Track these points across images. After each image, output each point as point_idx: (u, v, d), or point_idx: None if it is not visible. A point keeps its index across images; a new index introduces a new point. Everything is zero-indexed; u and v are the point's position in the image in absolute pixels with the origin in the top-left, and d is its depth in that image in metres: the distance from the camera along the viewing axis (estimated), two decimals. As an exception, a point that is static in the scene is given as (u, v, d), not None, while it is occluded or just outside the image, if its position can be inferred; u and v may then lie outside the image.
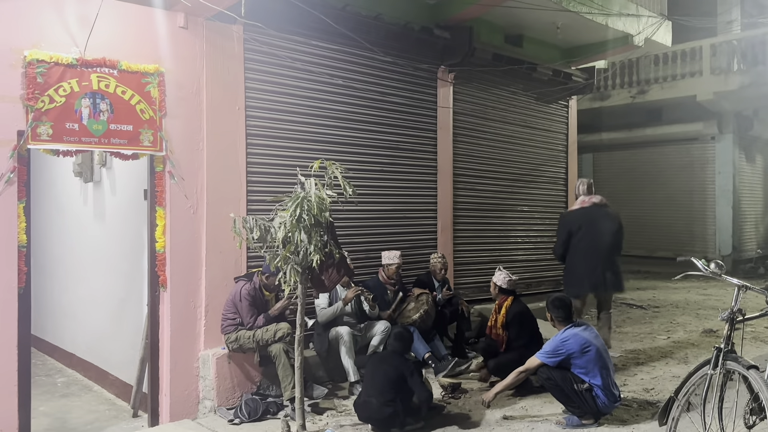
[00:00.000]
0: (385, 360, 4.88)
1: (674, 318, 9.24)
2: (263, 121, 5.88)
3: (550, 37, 8.66)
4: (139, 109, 4.98)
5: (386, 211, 7.04)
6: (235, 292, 5.35)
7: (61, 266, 7.45)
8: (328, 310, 5.79)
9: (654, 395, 5.47)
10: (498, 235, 8.59)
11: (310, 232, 4.39)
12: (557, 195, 9.61)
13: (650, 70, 14.96)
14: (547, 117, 9.39)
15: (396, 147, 7.13)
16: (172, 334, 5.21)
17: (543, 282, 9.24)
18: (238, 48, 5.63)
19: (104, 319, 6.49)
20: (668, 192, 15.74)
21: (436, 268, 6.77)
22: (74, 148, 4.72)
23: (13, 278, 4.42)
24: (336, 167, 4.54)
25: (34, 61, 4.47)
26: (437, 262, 6.79)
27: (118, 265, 6.26)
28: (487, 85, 8.31)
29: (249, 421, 5.05)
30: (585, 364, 4.70)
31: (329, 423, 4.98)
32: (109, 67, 4.82)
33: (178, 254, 5.23)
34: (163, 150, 5.12)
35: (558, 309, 4.94)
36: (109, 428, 5.36)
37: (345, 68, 6.59)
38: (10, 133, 4.39)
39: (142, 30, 5.05)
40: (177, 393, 5.23)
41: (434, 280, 6.79)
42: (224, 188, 5.51)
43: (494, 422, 4.91)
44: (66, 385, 6.56)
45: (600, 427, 4.73)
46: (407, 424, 4.68)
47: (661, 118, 15.67)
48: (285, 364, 5.14)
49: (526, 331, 5.70)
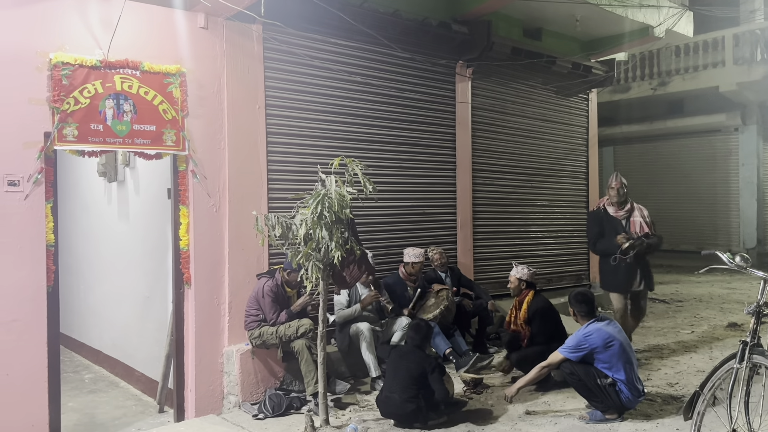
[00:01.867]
0: (407, 355, 4.90)
1: (698, 312, 9.13)
2: (283, 119, 5.92)
3: (569, 29, 8.60)
4: (162, 110, 5.05)
5: (406, 208, 7.05)
6: (257, 288, 5.41)
7: (86, 265, 7.59)
8: (345, 312, 5.83)
9: (678, 390, 5.42)
10: (518, 230, 8.56)
11: (331, 229, 4.43)
12: (578, 189, 9.55)
13: (671, 61, 14.77)
14: (566, 110, 9.33)
15: (414, 143, 7.14)
16: (197, 330, 5.28)
17: (564, 277, 9.20)
18: (258, 47, 5.68)
19: (129, 316, 6.60)
20: (691, 185, 15.54)
21: (435, 260, 6.83)
22: (99, 149, 4.81)
23: (42, 277, 4.52)
24: (356, 164, 4.57)
25: (59, 64, 4.55)
26: (435, 255, 6.85)
27: (142, 263, 6.36)
28: (505, 80, 8.28)
29: (273, 415, 5.11)
30: (608, 359, 4.68)
31: (352, 418, 5.02)
32: (132, 68, 4.89)
33: (201, 252, 5.30)
34: (186, 149, 5.18)
35: (580, 304, 4.92)
36: (135, 423, 5.46)
37: (363, 65, 6.61)
38: (37, 135, 4.48)
39: (164, 31, 5.11)
40: (202, 388, 5.31)
41: (439, 273, 6.80)
42: (246, 186, 5.57)
43: (517, 417, 4.91)
44: (93, 382, 6.69)
45: (624, 422, 4.70)
46: (430, 419, 4.69)
47: (682, 110, 15.47)
48: (307, 359, 5.19)
49: (549, 325, 5.67)
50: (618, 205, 6.19)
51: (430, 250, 6.87)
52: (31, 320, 4.47)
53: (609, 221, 6.21)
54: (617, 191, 6.17)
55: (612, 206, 6.23)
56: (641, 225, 6.12)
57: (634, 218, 6.15)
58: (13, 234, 4.39)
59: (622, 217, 6.17)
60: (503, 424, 4.79)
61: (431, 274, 6.80)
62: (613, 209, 6.22)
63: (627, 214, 6.17)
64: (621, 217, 6.17)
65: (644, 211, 6.22)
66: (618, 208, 6.20)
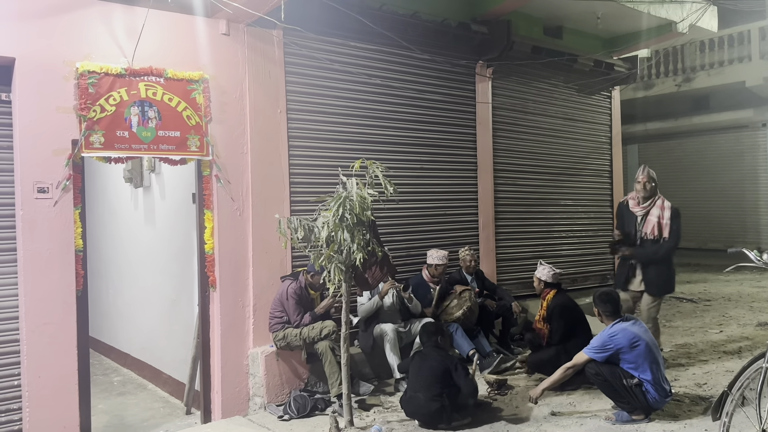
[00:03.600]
0: (428, 356, 4.91)
1: (727, 311, 8.98)
2: (304, 122, 5.97)
3: (590, 27, 8.52)
4: (186, 116, 5.13)
5: (427, 209, 7.06)
6: (281, 291, 5.47)
7: (115, 269, 7.73)
8: (366, 305, 5.85)
9: (707, 390, 5.34)
10: (541, 230, 8.50)
11: (352, 231, 4.45)
12: (602, 188, 9.46)
13: (696, 57, 14.54)
14: (589, 109, 9.24)
15: (435, 144, 7.14)
16: (223, 332, 5.35)
17: (589, 277, 9.11)
18: (279, 52, 5.74)
19: (157, 319, 6.71)
20: (718, 182, 15.27)
21: (466, 261, 6.76)
22: (125, 155, 4.90)
23: (71, 282, 4.62)
24: (376, 166, 4.59)
25: (86, 73, 4.66)
26: (467, 256, 6.77)
27: (168, 267, 6.46)
28: (526, 79, 8.24)
29: (298, 417, 5.15)
30: (634, 359, 4.63)
31: (376, 419, 5.04)
32: (156, 75, 4.98)
33: (226, 255, 5.37)
34: (210, 154, 5.26)
35: (605, 303, 4.87)
36: (163, 425, 5.54)
37: (383, 67, 6.63)
38: (65, 143, 4.59)
39: (187, 38, 5.20)
40: (228, 390, 5.37)
41: (466, 275, 6.78)
42: (268, 190, 5.63)
43: (542, 418, 4.89)
44: (122, 384, 6.81)
45: (651, 422, 4.65)
46: (454, 420, 4.70)
47: (708, 106, 15.20)
48: (331, 361, 5.23)
49: (566, 324, 5.61)
50: (641, 200, 5.91)
51: (462, 251, 6.83)
52: (62, 324, 4.57)
53: (627, 216, 6.03)
54: (643, 186, 5.87)
55: (633, 200, 6.00)
56: (654, 226, 5.80)
57: (650, 217, 5.85)
58: (43, 240, 4.50)
59: (638, 213, 5.92)
60: (528, 425, 4.76)
61: (455, 275, 6.78)
62: (632, 204, 5.99)
63: (644, 212, 5.89)
64: (638, 213, 5.93)
65: (666, 211, 5.83)
66: (637, 204, 5.94)
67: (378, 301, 5.83)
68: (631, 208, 6.00)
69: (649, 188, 5.88)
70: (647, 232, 5.85)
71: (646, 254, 5.87)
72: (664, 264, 5.90)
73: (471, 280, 6.80)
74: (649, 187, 5.88)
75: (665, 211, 5.84)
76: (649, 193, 5.90)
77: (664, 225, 5.81)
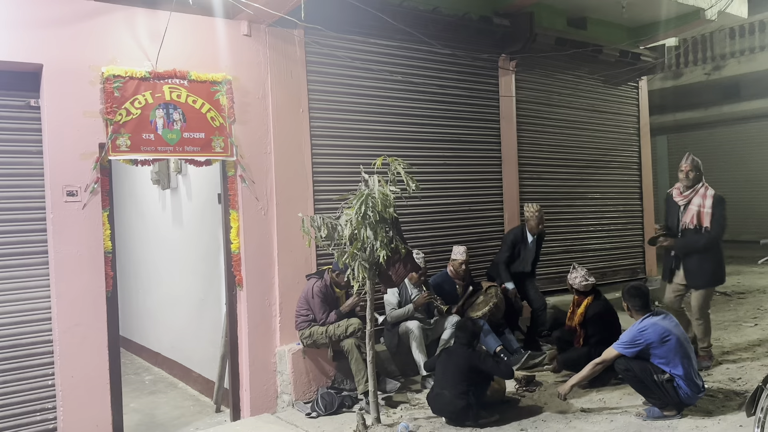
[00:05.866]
0: (455, 353, 4.88)
1: (762, 304, 8.75)
2: (326, 121, 5.99)
3: (615, 17, 8.38)
4: (210, 117, 5.18)
5: (452, 205, 7.02)
6: (307, 289, 5.49)
7: (144, 270, 7.85)
8: (398, 312, 5.82)
9: (741, 385, 5.22)
10: (569, 225, 8.40)
11: (375, 229, 4.45)
12: (631, 180, 9.31)
13: (725, 44, 14.18)
14: (615, 100, 9.10)
15: (459, 140, 7.09)
16: (250, 331, 5.40)
17: (619, 271, 8.98)
18: (300, 51, 5.76)
19: (186, 318, 6.80)
20: (750, 172, 14.90)
21: (529, 219, 6.59)
22: (151, 158, 4.97)
23: (101, 283, 4.71)
24: (398, 163, 4.57)
25: (111, 77, 4.73)
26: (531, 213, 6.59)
27: (196, 267, 6.54)
28: (550, 71, 8.14)
29: (325, 414, 5.18)
30: (665, 354, 4.54)
31: (403, 416, 5.03)
32: (180, 78, 5.04)
33: (251, 254, 5.42)
34: (234, 155, 5.30)
35: (634, 298, 4.79)
36: (194, 423, 5.62)
37: (404, 64, 6.61)
38: (92, 146, 4.67)
39: (209, 40, 5.25)
40: (256, 388, 5.42)
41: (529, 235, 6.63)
42: (292, 189, 5.66)
43: (571, 414, 4.83)
44: (153, 383, 6.92)
45: (683, 418, 4.56)
46: (481, 417, 4.67)
47: (739, 95, 14.83)
48: (357, 358, 5.24)
49: (603, 329, 5.51)
50: (683, 189, 5.70)
51: (526, 208, 6.68)
52: (93, 324, 4.66)
53: (671, 206, 5.85)
54: (686, 174, 5.64)
55: (676, 190, 5.81)
56: (693, 215, 5.62)
57: (690, 206, 5.66)
58: (72, 242, 4.59)
59: (681, 203, 5.74)
60: (557, 422, 4.71)
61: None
62: (676, 193, 5.78)
63: (686, 201, 5.70)
64: (680, 203, 5.74)
65: (708, 200, 5.56)
66: (680, 193, 5.73)
67: (411, 310, 5.82)
68: (674, 198, 5.81)
69: (693, 177, 5.66)
70: (686, 221, 5.66)
71: (685, 245, 5.69)
72: (709, 254, 5.64)
73: (532, 240, 6.66)
74: (692, 176, 5.66)
75: (707, 200, 5.59)
76: (692, 182, 5.68)
77: (705, 214, 5.58)
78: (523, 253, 6.65)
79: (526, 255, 6.65)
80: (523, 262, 6.66)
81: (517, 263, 6.64)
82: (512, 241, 6.64)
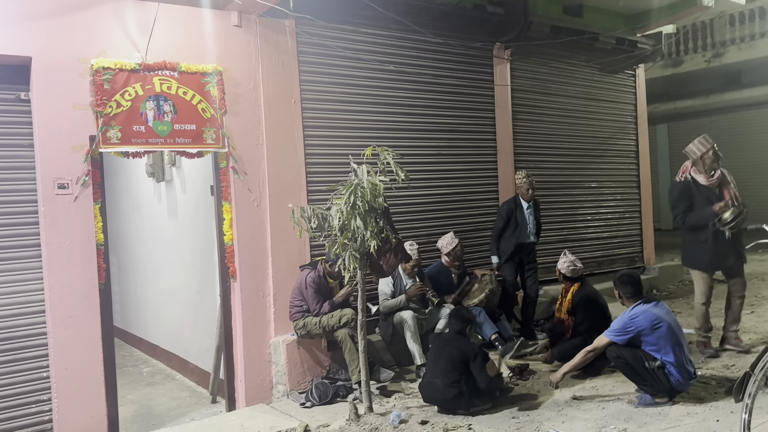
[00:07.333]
0: (449, 341, 4.89)
1: (759, 291, 8.74)
2: (319, 111, 5.98)
3: (611, 4, 8.34)
4: (201, 108, 5.18)
5: (447, 195, 7.01)
6: (300, 280, 5.50)
7: (141, 263, 7.88)
8: (390, 302, 5.84)
9: (734, 372, 5.21)
10: (565, 214, 8.38)
11: (365, 219, 4.45)
12: (628, 169, 9.27)
13: (726, 31, 14.09)
14: (612, 88, 9.05)
15: (453, 129, 7.07)
16: (244, 322, 5.42)
17: (616, 260, 8.96)
18: (291, 42, 5.74)
19: (182, 310, 6.83)
20: (752, 159, 14.80)
21: (520, 187, 6.62)
22: (142, 150, 4.98)
23: (93, 275, 4.73)
24: (387, 153, 4.57)
25: (101, 69, 4.73)
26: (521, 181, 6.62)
27: (192, 259, 6.56)
28: (546, 59, 8.10)
29: (320, 404, 5.20)
30: (656, 341, 4.54)
31: (396, 405, 5.05)
32: (170, 69, 5.03)
33: (245, 246, 5.43)
34: (226, 147, 5.30)
35: (625, 285, 4.78)
36: (190, 414, 5.65)
37: (397, 53, 6.58)
38: (83, 139, 4.67)
39: (199, 31, 5.23)
40: (251, 379, 5.45)
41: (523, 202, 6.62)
42: (285, 180, 5.66)
43: (564, 402, 4.83)
44: (151, 375, 6.96)
45: (675, 405, 4.56)
46: (473, 405, 4.68)
47: (740, 82, 14.75)
48: (351, 348, 5.25)
49: (592, 316, 5.52)
50: (711, 171, 5.49)
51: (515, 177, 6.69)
52: (86, 316, 4.68)
53: (701, 192, 5.53)
54: (715, 154, 5.45)
55: (701, 175, 5.53)
56: (734, 195, 5.47)
57: (728, 186, 5.50)
58: (64, 234, 4.60)
59: (714, 185, 5.51)
60: (549, 410, 4.72)
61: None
62: (703, 179, 5.52)
63: (718, 182, 5.50)
64: (713, 185, 5.51)
65: (730, 176, 5.53)
66: (708, 177, 5.50)
67: (404, 300, 5.83)
68: (705, 183, 5.57)
69: (719, 156, 5.55)
70: (728, 201, 5.46)
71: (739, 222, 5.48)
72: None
73: (527, 207, 6.62)
74: (720, 155, 5.55)
75: (730, 176, 5.63)
76: (718, 163, 5.57)
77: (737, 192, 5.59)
78: (520, 220, 6.56)
79: (523, 221, 6.57)
80: (522, 229, 6.55)
81: (517, 232, 6.54)
82: (506, 211, 6.59)
